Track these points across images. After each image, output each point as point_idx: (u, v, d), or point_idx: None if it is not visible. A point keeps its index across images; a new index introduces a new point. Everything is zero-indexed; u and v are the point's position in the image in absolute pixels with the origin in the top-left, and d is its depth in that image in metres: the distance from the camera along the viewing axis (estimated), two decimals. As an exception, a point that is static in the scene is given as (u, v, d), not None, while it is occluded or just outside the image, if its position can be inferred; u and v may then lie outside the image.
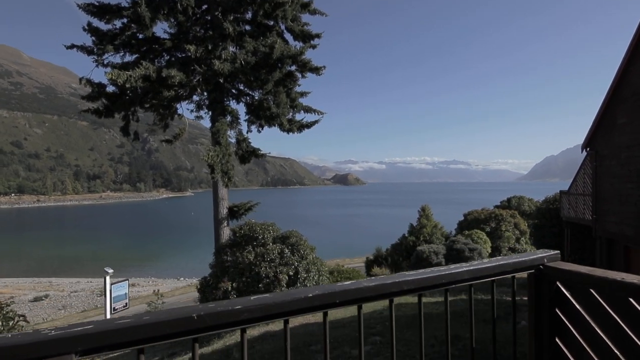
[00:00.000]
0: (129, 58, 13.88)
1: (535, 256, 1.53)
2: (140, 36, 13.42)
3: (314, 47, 14.26)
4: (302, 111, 15.70)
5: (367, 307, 11.90)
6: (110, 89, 13.56)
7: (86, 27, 13.02)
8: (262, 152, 14.62)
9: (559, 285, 1.55)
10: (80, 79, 13.04)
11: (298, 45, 13.94)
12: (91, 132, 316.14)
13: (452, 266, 1.34)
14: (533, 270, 1.54)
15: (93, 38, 13.22)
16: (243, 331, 0.99)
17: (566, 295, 1.52)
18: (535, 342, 1.58)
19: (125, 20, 12.92)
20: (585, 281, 1.44)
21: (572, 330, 1.52)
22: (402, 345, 6.92)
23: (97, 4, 12.80)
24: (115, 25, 13.13)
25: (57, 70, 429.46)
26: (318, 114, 15.81)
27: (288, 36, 15.14)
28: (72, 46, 13.17)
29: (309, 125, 15.42)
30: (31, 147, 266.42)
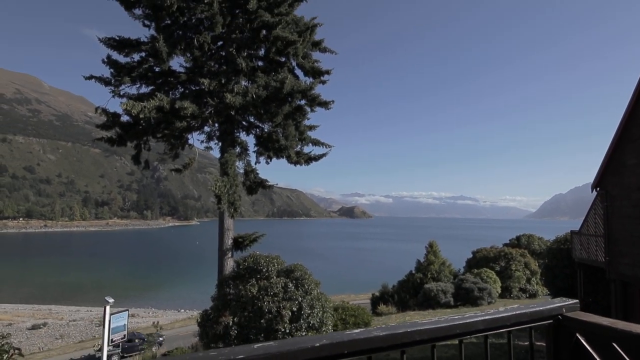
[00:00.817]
0: (144, 90, 14.38)
1: (553, 305, 1.46)
2: (157, 69, 13.95)
3: (323, 82, 14.67)
4: (310, 144, 15.91)
5: (377, 356, 11.51)
6: (125, 118, 13.95)
7: (105, 60, 13.59)
8: (269, 183, 14.70)
9: (579, 338, 1.46)
10: (97, 109, 13.46)
11: (308, 80, 14.35)
12: (103, 160, 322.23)
13: (467, 314, 1.28)
14: (551, 321, 1.47)
15: (111, 70, 13.77)
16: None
17: (587, 349, 1.43)
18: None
19: (143, 54, 13.49)
20: (608, 334, 1.37)
21: (595, 388, 1.42)
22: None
23: (118, 38, 13.44)
24: (133, 58, 13.70)
25: (75, 99, 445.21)
26: (326, 147, 16.00)
27: (299, 72, 15.64)
28: (90, 77, 13.70)
29: (316, 158, 15.56)
30: (43, 173, 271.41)
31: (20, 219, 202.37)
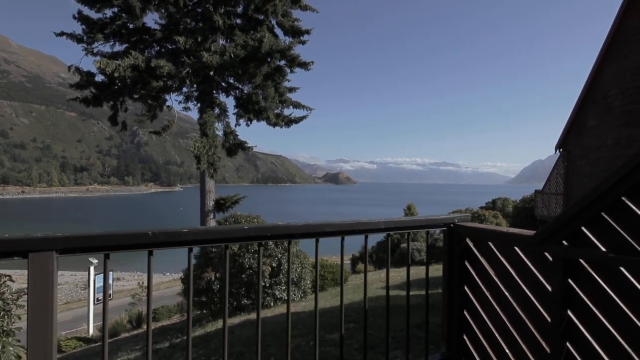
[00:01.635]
0: (118, 48, 13.96)
1: (446, 216, 1.84)
2: (131, 26, 13.50)
3: (303, 42, 14.51)
4: (291, 106, 15.95)
5: (346, 300, 12.16)
6: (99, 78, 13.62)
7: (76, 15, 13.05)
8: (249, 145, 14.83)
9: (468, 242, 1.85)
10: (69, 67, 13.08)
11: (288, 40, 14.17)
12: (79, 124, 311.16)
13: (374, 219, 1.64)
14: (445, 228, 1.85)
15: (83, 26, 13.26)
16: (190, 250, 1.26)
17: (472, 250, 1.83)
18: (447, 291, 1.88)
19: (115, 9, 12.99)
20: (485, 235, 1.75)
21: (477, 280, 1.83)
22: (374, 330, 7.26)
23: (88, -8, 12.85)
24: (105, 14, 13.19)
25: (46, 59, 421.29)
26: (306, 110, 16.07)
27: (279, 31, 15.35)
28: (61, 34, 13.19)
29: (296, 120, 15.67)
30: (17, 137, 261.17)
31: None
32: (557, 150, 10.74)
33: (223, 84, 15.09)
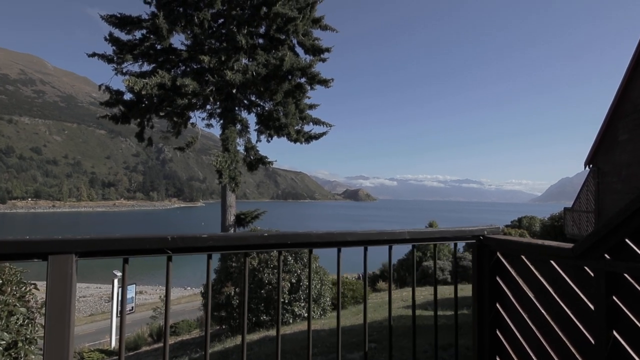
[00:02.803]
0: (146, 67, 14.56)
1: (476, 227, 1.74)
2: (158, 47, 14.08)
3: (323, 60, 14.73)
4: (310, 123, 16.09)
5: (367, 319, 11.89)
6: (128, 96, 14.20)
7: (108, 37, 13.74)
8: (269, 160, 14.98)
9: (499, 255, 1.75)
10: (100, 86, 13.70)
11: (308, 58, 14.42)
12: (108, 141, 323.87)
13: (398, 230, 1.57)
14: (474, 240, 1.75)
15: (114, 47, 13.93)
16: (209, 257, 1.23)
17: (504, 264, 1.72)
18: (477, 309, 1.77)
19: (144, 31, 13.61)
20: (517, 248, 1.65)
21: (509, 297, 1.71)
22: (396, 351, 7.00)
23: (119, 15, 13.54)
24: (135, 35, 13.83)
25: (79, 80, 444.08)
26: (326, 126, 16.16)
27: (299, 50, 15.67)
28: (93, 54, 13.89)
29: (316, 136, 15.76)
30: (50, 154, 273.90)
31: (29, 199, 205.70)
32: (587, 167, 10.33)
33: (245, 101, 15.42)
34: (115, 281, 18.23)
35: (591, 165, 10.15)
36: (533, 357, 1.55)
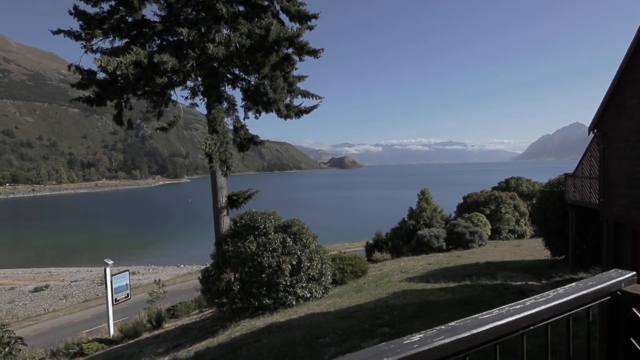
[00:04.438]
0: (118, 43, 13.35)
1: (612, 281, 1.31)
2: (130, 19, 12.85)
3: (311, 28, 13.75)
4: (299, 96, 15.29)
5: (371, 296, 11.65)
6: (101, 75, 13.07)
7: (72, 11, 12.42)
8: (260, 139, 14.29)
9: (635, 312, 1.33)
10: (69, 66, 12.53)
11: (294, 26, 13.42)
12: (83, 120, 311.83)
13: (528, 302, 1.11)
14: (609, 297, 1.32)
15: (80, 22, 12.64)
16: None
17: (646, 324, 1.31)
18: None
19: (113, 2, 12.33)
20: None
21: (652, 364, 1.31)
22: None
23: (83, -15, 12.18)
24: (103, 8, 12.54)
25: (45, 56, 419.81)
26: (316, 99, 15.41)
27: (284, 17, 14.58)
28: (59, 31, 12.60)
29: (307, 110, 15.04)
30: (23, 136, 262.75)
31: (7, 184, 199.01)
32: (591, 132, 10.05)
33: (229, 75, 14.45)
34: (107, 270, 17.73)
35: (595, 131, 9.87)
36: None
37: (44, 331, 24.04)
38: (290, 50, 13.17)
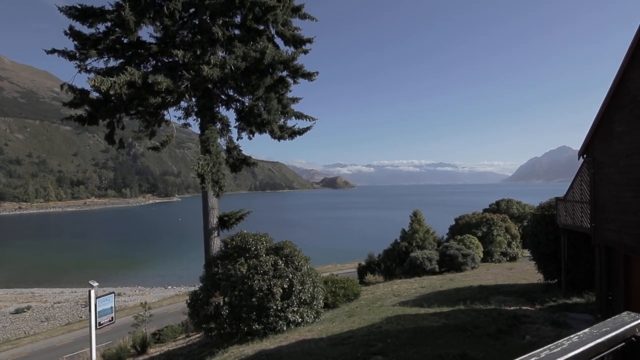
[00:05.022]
0: (113, 63, 13.40)
1: (626, 327, 1.24)
2: (125, 40, 12.94)
3: (305, 52, 13.98)
4: (293, 117, 15.38)
5: (364, 321, 11.38)
6: (94, 95, 13.03)
7: (68, 32, 12.47)
8: (253, 160, 14.24)
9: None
10: (62, 85, 12.47)
11: (289, 50, 13.63)
12: (74, 137, 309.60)
13: (543, 354, 1.04)
14: (624, 343, 1.25)
15: (75, 42, 12.68)
16: None
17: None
18: None
19: (109, 23, 12.43)
20: None
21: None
22: (406, 365, 6.61)
23: (80, 7, 12.27)
24: (98, 29, 12.62)
25: (39, 74, 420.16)
26: (309, 120, 15.50)
27: (279, 41, 14.83)
28: (53, 51, 12.60)
29: (300, 132, 15.10)
30: (12, 153, 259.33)
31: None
32: (580, 157, 10.20)
33: (223, 96, 14.52)
34: (92, 292, 17.11)
35: (585, 156, 10.01)
36: None
37: (22, 356, 23.01)
38: (285, 73, 13.32)
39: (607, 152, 9.06)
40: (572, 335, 1.19)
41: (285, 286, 11.33)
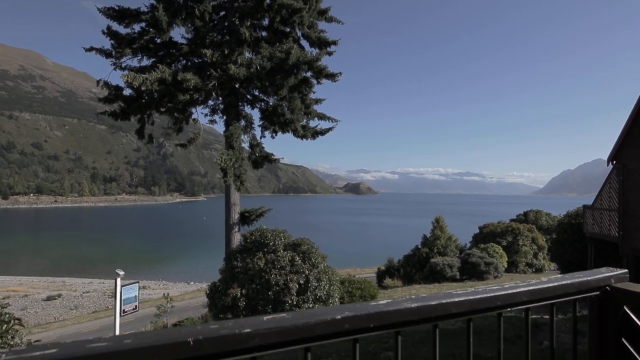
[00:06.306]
0: (146, 62, 14.03)
1: (601, 275, 1.29)
2: (158, 40, 13.55)
3: (330, 53, 14.17)
4: (316, 118, 15.58)
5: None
6: (127, 92, 13.71)
7: (105, 31, 13.20)
8: (275, 157, 14.51)
9: (627, 311, 1.30)
10: (98, 81, 13.19)
11: (314, 51, 13.87)
12: (109, 136, 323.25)
13: (507, 285, 1.12)
14: (598, 292, 1.30)
15: (112, 41, 13.40)
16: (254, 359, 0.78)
17: (635, 322, 1.27)
18: (598, 379, 1.32)
19: (143, 24, 13.07)
20: None
21: (643, 365, 1.26)
22: (417, 362, 6.59)
23: (117, 8, 12.99)
24: (134, 29, 13.29)
25: (78, 75, 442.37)
26: (332, 122, 15.67)
27: (304, 43, 15.11)
28: (91, 49, 13.36)
29: (323, 132, 15.27)
30: (51, 149, 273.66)
31: (31, 194, 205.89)
32: (610, 163, 9.83)
33: (248, 96, 14.91)
34: (118, 280, 17.85)
35: (614, 162, 9.65)
36: None
37: (51, 339, 24.14)
38: (309, 74, 13.55)
39: (637, 158, 8.72)
40: (543, 277, 1.25)
41: (302, 282, 11.48)
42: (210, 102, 14.95)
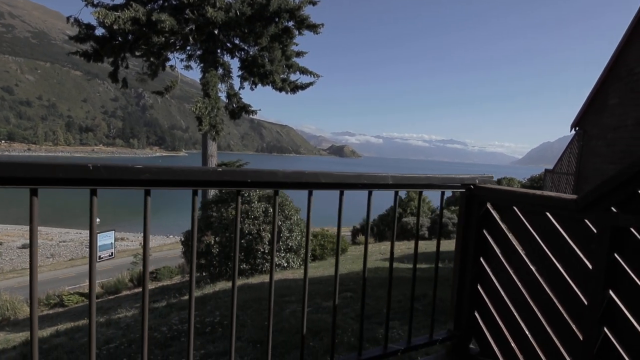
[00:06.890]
0: (120, 0, 13.31)
1: (467, 175, 1.56)
2: (132, -23, 12.79)
3: (314, 3, 13.74)
4: (297, 72, 15.37)
5: (345, 269, 12.03)
6: (100, 32, 13.10)
7: (75, -37, 12.36)
8: (253, 109, 14.40)
9: (489, 207, 1.58)
10: (68, 18, 12.52)
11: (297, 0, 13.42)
12: (85, 83, 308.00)
13: (379, 173, 1.36)
14: (464, 190, 1.57)
15: (82, -25, 12.59)
16: (146, 193, 0.99)
17: (494, 217, 1.56)
18: (460, 262, 1.63)
19: (116, -42, 12.27)
20: (509, 198, 1.48)
21: (496, 251, 1.57)
22: (371, 300, 7.18)
23: (87, -63, 12.10)
24: (105, -38, 12.48)
25: (50, 14, 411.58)
26: (313, 76, 15.49)
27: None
28: (59, -18, 12.55)
29: (303, 86, 15.14)
30: (22, 94, 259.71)
31: (2, 141, 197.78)
32: (573, 129, 10.29)
33: (228, 44, 14.48)
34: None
35: (577, 128, 10.10)
36: (516, 315, 1.44)
37: (27, 284, 24.44)
38: (290, 23, 13.20)
39: (598, 124, 9.16)
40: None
41: (274, 231, 11.91)
42: (188, 48, 14.49)
